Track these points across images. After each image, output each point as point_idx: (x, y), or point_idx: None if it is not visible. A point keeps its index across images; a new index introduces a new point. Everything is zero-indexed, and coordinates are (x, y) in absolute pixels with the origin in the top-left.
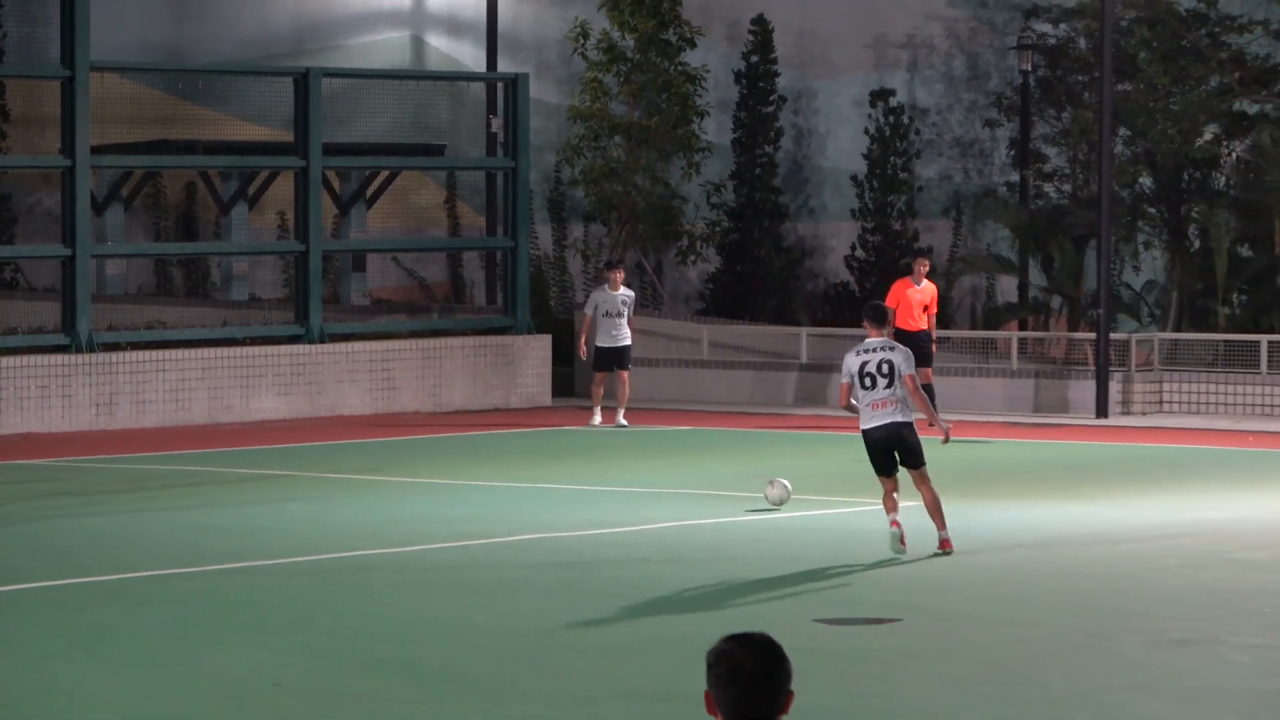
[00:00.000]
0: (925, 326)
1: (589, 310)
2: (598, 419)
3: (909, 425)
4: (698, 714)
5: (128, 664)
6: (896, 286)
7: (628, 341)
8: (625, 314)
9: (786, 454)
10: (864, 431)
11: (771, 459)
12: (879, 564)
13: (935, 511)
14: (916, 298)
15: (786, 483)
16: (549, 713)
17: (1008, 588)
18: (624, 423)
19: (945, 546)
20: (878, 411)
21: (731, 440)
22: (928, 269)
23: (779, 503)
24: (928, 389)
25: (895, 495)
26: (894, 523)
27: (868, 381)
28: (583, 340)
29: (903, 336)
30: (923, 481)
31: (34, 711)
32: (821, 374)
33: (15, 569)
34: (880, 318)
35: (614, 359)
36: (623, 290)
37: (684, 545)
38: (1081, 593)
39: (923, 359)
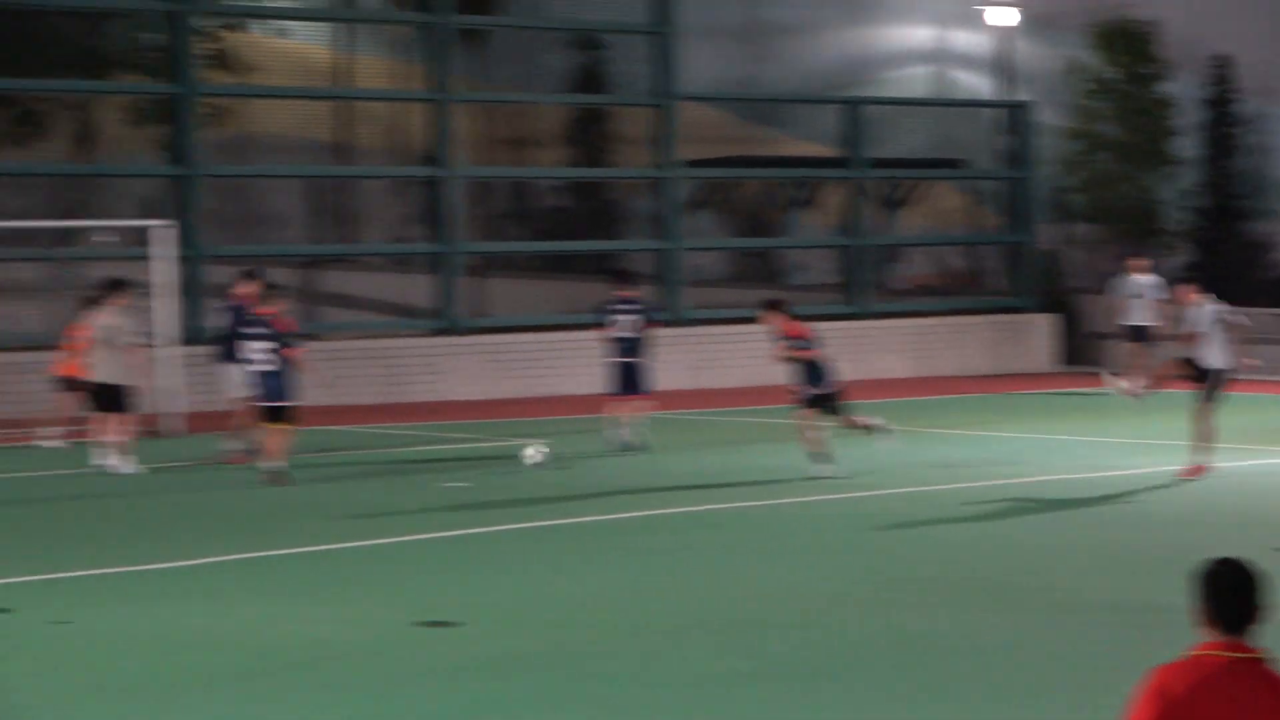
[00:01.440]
0: None
1: (1119, 294)
2: (1126, 384)
3: None
4: (1176, 623)
5: (700, 574)
6: None
7: (1143, 321)
8: (1144, 296)
9: (1247, 411)
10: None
11: (1238, 415)
12: None
13: None
14: None
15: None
16: (1043, 613)
17: None
18: (1139, 392)
19: None
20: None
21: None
22: None
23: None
24: None
25: None
26: None
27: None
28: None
29: None
30: None
31: (624, 610)
32: None
33: (594, 503)
34: None
35: (1137, 335)
36: (1142, 277)
37: (1164, 486)
38: None
39: None
